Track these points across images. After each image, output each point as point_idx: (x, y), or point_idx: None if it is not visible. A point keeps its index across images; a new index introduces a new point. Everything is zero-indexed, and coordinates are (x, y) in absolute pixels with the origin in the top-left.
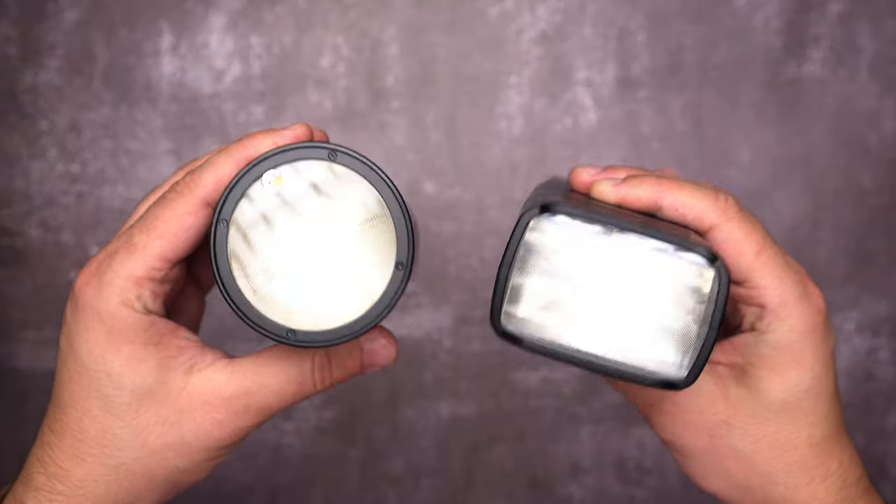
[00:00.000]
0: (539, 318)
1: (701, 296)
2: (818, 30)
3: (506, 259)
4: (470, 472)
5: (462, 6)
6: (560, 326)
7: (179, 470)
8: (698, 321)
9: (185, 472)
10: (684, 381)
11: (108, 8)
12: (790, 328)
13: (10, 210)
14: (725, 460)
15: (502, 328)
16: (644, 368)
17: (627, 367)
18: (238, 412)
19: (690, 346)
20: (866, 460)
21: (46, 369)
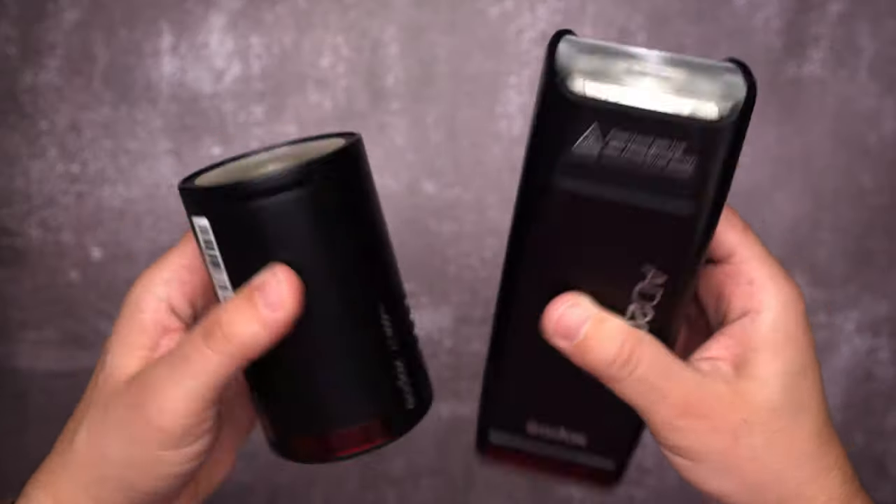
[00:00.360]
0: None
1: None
2: (818, 30)
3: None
4: (470, 472)
5: (462, 6)
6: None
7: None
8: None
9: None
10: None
11: (108, 8)
12: (783, 304)
13: (10, 210)
14: (742, 461)
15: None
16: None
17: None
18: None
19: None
20: (866, 460)
21: (46, 370)
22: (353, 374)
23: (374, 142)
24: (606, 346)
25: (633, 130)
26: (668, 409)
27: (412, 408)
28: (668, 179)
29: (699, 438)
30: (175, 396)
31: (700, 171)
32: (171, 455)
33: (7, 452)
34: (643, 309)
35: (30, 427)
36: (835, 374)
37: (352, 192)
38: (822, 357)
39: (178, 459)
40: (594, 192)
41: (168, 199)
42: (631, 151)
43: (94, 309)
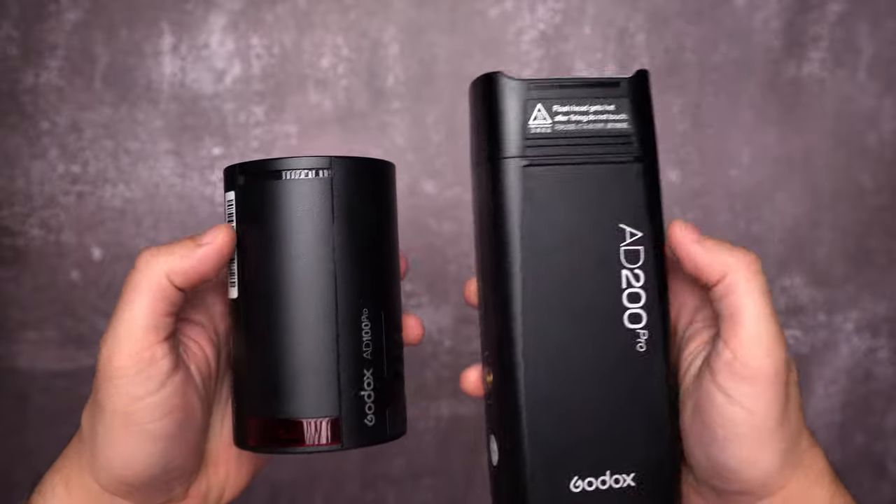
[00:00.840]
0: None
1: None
2: (817, 30)
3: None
4: (470, 472)
5: (462, 6)
6: None
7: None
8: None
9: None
10: None
11: (109, 8)
12: (742, 279)
13: (10, 210)
14: (791, 417)
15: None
16: None
17: None
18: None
19: None
20: (866, 460)
21: (46, 369)
22: (318, 365)
23: (374, 142)
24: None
25: (571, 100)
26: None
27: (370, 425)
28: (612, 135)
29: (764, 390)
30: (121, 330)
31: (633, 118)
32: (126, 406)
33: (7, 452)
34: (633, 272)
35: (30, 427)
36: (834, 373)
37: (358, 193)
38: (821, 357)
39: (135, 413)
40: (557, 159)
41: (168, 199)
42: (576, 119)
43: (94, 309)
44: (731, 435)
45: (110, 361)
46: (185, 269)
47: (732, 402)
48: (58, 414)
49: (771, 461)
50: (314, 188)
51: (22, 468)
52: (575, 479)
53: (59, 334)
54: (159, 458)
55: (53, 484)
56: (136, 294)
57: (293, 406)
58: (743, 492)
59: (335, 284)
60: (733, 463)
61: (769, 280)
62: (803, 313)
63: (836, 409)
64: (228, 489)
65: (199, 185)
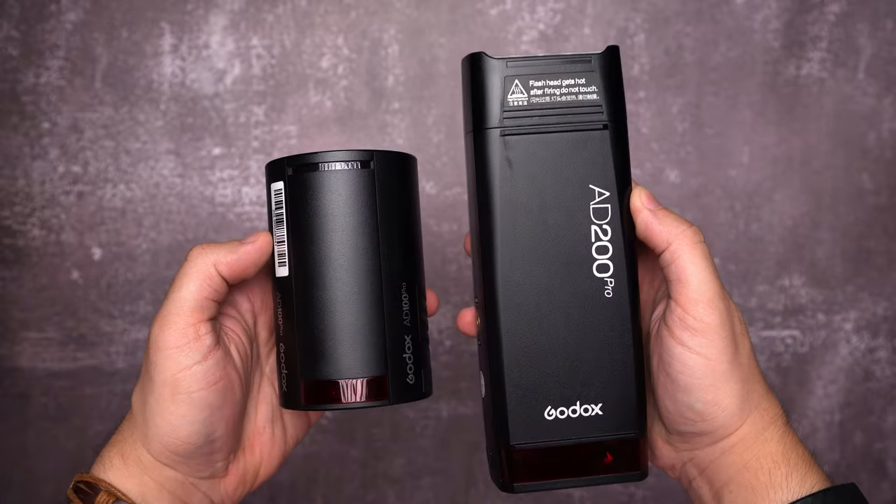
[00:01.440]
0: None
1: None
2: (817, 30)
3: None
4: (470, 472)
5: (462, 6)
6: None
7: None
8: None
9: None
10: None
11: (110, 9)
12: (686, 247)
13: (11, 210)
14: (743, 363)
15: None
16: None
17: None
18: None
19: None
20: (865, 460)
21: (47, 369)
22: (367, 330)
23: (375, 142)
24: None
25: (546, 75)
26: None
27: (412, 383)
28: (582, 105)
29: (712, 339)
30: (171, 308)
31: (602, 90)
32: (174, 375)
33: (8, 452)
34: (602, 227)
35: (30, 427)
36: (834, 373)
37: (395, 183)
38: (821, 357)
39: (182, 381)
40: (533, 129)
41: (169, 198)
42: (550, 92)
43: (94, 309)
44: (693, 380)
45: (161, 334)
46: (229, 261)
47: (690, 351)
48: (58, 414)
49: (730, 401)
50: (361, 178)
51: (22, 468)
52: (548, 408)
53: (60, 334)
54: (203, 426)
55: (111, 456)
56: (187, 279)
57: (344, 367)
58: (706, 432)
59: (380, 263)
60: (699, 406)
61: (770, 280)
62: (803, 313)
63: (836, 409)
64: (262, 470)
65: (199, 185)
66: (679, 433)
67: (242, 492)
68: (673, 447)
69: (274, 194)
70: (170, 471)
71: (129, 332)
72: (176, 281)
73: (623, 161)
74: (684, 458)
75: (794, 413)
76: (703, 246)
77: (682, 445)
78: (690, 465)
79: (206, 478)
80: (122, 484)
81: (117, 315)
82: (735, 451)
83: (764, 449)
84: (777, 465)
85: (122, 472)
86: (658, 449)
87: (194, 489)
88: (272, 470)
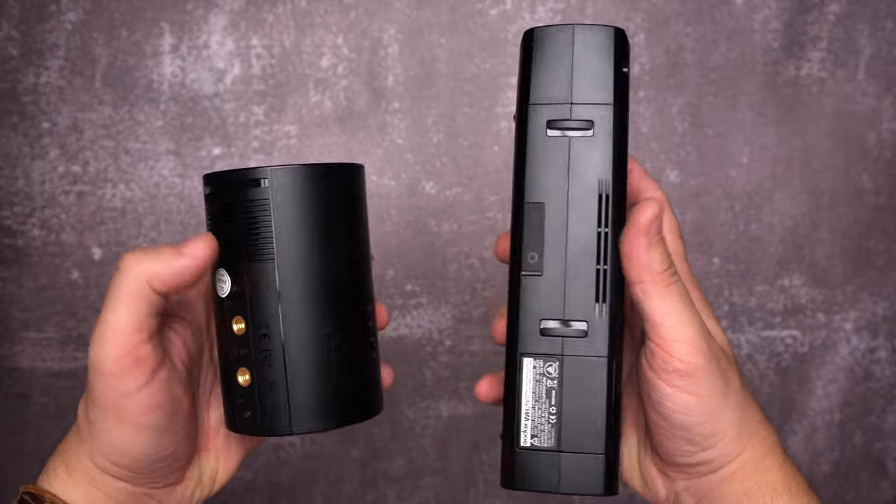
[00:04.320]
0: None
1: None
2: (817, 30)
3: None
4: (470, 472)
5: (462, 6)
6: None
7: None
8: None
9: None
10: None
11: (109, 9)
12: (658, 287)
13: (11, 210)
14: (733, 393)
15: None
16: None
17: None
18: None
19: None
20: (865, 459)
21: (47, 369)
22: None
23: (374, 142)
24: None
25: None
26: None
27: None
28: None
29: (702, 378)
30: (106, 332)
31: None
32: (115, 402)
33: (7, 452)
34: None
35: (30, 427)
36: (833, 373)
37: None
38: (821, 357)
39: (126, 408)
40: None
41: (168, 198)
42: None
43: (94, 309)
44: (688, 417)
45: (99, 362)
46: (164, 277)
47: (680, 391)
48: (58, 414)
49: (728, 428)
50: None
51: (22, 468)
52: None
53: (60, 334)
54: (151, 447)
55: (55, 467)
56: (120, 297)
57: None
58: (705, 461)
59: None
60: (698, 439)
61: (770, 280)
62: (802, 313)
63: (836, 409)
64: (221, 472)
65: (199, 185)
66: (676, 465)
67: (201, 495)
68: (667, 477)
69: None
70: (119, 483)
71: None
72: (108, 297)
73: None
74: (678, 489)
75: (795, 413)
76: (680, 286)
77: (678, 475)
78: (686, 494)
79: (158, 487)
80: (67, 495)
81: None
82: (735, 478)
83: (765, 477)
84: (779, 494)
85: (67, 484)
86: (651, 480)
87: (147, 498)
88: (231, 472)
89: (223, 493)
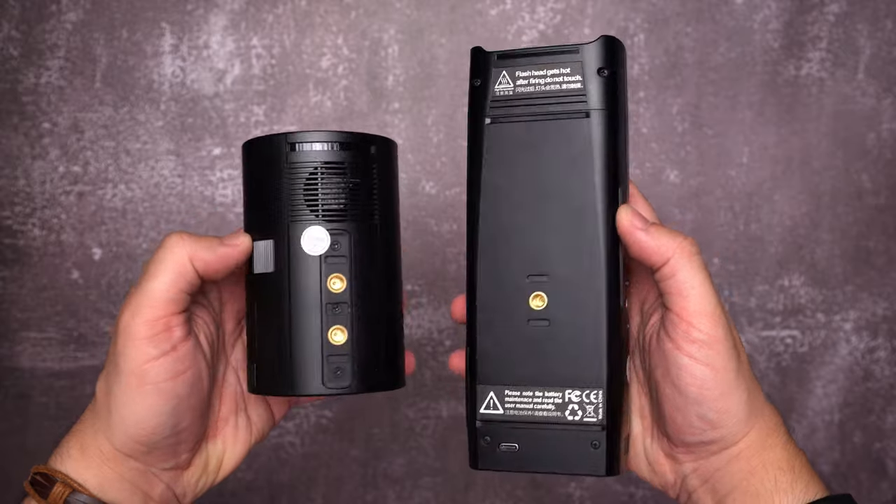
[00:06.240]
0: None
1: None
2: (817, 30)
3: None
4: (470, 472)
5: (462, 6)
6: None
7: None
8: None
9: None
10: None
11: (110, 9)
12: (686, 261)
13: (11, 210)
14: (744, 372)
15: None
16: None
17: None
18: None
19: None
20: (865, 459)
21: (47, 369)
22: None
23: None
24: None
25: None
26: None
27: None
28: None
29: (719, 351)
30: (143, 298)
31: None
32: (141, 365)
33: (8, 452)
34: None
35: (30, 427)
36: (833, 373)
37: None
38: (820, 357)
39: (149, 371)
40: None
41: (168, 199)
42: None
43: (95, 308)
44: (704, 391)
45: (130, 325)
46: (207, 259)
47: (698, 362)
48: (58, 414)
49: (739, 407)
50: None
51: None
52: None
53: (60, 334)
54: (169, 418)
55: (69, 446)
56: (162, 269)
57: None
58: (715, 440)
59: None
60: (711, 415)
61: (770, 280)
62: (802, 313)
63: (835, 409)
64: (226, 460)
65: (199, 185)
66: (686, 444)
67: (205, 483)
68: (675, 460)
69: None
70: (132, 461)
71: None
72: (150, 268)
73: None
74: (686, 471)
75: (794, 413)
76: (700, 258)
77: (687, 457)
78: (693, 475)
79: (168, 469)
80: (79, 475)
81: (117, 315)
82: (742, 457)
83: (769, 455)
84: (783, 472)
85: (80, 464)
86: (659, 465)
87: (156, 479)
88: (235, 462)
89: (223, 492)
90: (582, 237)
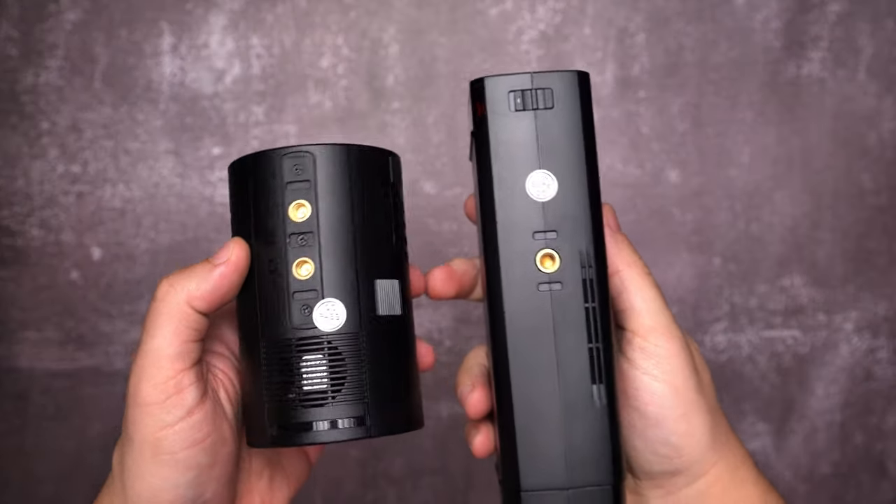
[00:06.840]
0: None
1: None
2: (817, 30)
3: None
4: (470, 472)
5: (462, 6)
6: None
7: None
8: None
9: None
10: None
11: (109, 8)
12: (636, 277)
13: (10, 210)
14: (707, 393)
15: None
16: None
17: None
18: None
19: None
20: (866, 460)
21: (47, 370)
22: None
23: (374, 142)
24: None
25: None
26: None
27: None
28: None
29: (676, 366)
30: (146, 361)
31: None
32: (154, 434)
33: (7, 452)
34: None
35: (29, 427)
36: (834, 373)
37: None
38: (821, 357)
39: (164, 440)
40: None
41: (168, 198)
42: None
43: (94, 309)
44: (663, 410)
45: (138, 390)
46: (204, 293)
47: (656, 380)
48: (58, 414)
49: (702, 430)
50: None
51: (21, 468)
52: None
53: (59, 334)
54: (189, 490)
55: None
56: (159, 323)
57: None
58: (681, 469)
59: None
60: (673, 438)
61: (771, 280)
62: (803, 313)
63: (836, 409)
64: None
65: (198, 185)
66: (651, 476)
67: None
68: (642, 497)
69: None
70: None
71: (128, 332)
72: (148, 326)
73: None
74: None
75: (795, 414)
76: (652, 278)
77: (655, 492)
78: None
79: None
80: None
81: (116, 315)
82: (713, 493)
83: (742, 492)
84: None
85: None
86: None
87: None
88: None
89: None
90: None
